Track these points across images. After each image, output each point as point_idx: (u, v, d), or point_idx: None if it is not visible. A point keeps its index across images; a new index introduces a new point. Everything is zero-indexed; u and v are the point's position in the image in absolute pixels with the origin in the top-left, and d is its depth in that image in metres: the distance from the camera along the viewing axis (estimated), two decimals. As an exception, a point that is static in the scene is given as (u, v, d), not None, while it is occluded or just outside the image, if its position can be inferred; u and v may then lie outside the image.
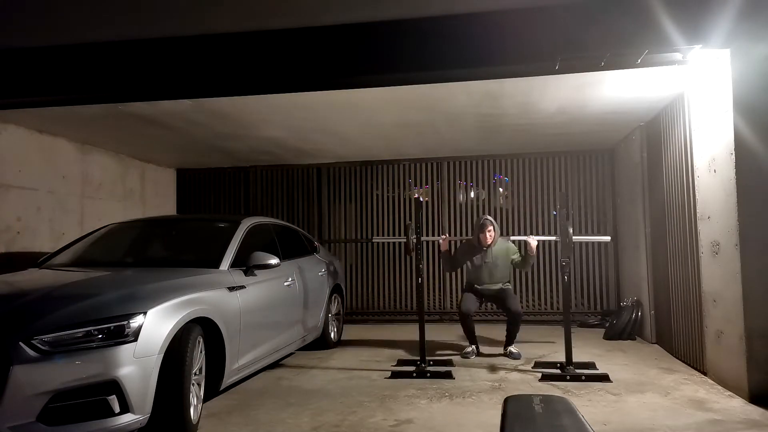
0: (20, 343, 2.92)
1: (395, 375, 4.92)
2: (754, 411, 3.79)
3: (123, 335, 3.10)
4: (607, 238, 6.17)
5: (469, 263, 5.81)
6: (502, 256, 5.69)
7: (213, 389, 3.98)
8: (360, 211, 8.61)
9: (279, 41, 4.06)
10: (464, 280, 6.34)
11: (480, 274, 5.70)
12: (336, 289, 6.62)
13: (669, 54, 3.84)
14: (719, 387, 4.39)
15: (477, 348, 5.72)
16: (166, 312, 3.37)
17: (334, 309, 6.51)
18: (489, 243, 5.64)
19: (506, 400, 2.28)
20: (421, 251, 5.47)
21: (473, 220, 8.25)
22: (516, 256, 5.73)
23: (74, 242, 5.02)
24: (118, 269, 4.29)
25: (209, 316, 3.76)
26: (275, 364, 5.25)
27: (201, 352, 3.73)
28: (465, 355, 5.59)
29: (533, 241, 5.51)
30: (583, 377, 4.69)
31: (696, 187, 4.81)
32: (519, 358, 5.45)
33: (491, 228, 5.65)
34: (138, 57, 4.21)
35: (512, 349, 5.59)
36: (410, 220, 5.58)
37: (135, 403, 3.07)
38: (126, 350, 3.07)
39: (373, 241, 7.96)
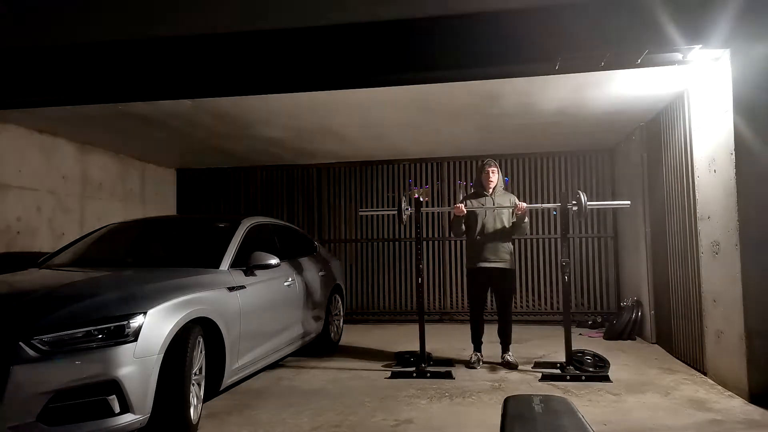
0: (20, 343, 2.92)
1: (395, 375, 4.92)
2: (754, 411, 3.79)
3: (123, 335, 3.10)
4: (627, 203, 5.58)
5: (473, 221, 5.32)
6: (505, 203, 5.31)
7: (213, 389, 3.98)
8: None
9: (280, 41, 4.06)
10: (465, 262, 5.73)
11: (483, 232, 5.25)
12: (336, 289, 6.62)
13: (669, 54, 3.85)
14: (719, 387, 4.40)
15: (481, 355, 5.39)
16: (166, 312, 3.37)
17: (334, 309, 6.50)
18: (493, 184, 5.30)
19: (506, 400, 2.28)
20: (421, 251, 5.47)
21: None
22: (516, 207, 5.22)
23: (74, 242, 5.02)
24: (118, 269, 4.29)
25: (209, 316, 3.76)
26: (275, 364, 5.25)
27: (201, 352, 3.73)
28: (470, 365, 5.24)
29: (522, 204, 5.19)
30: (583, 377, 4.69)
31: (696, 187, 4.81)
32: (516, 368, 5.12)
33: (494, 168, 5.33)
34: (138, 57, 4.21)
35: (509, 357, 5.26)
36: (404, 194, 5.40)
37: (135, 403, 3.07)
38: (126, 350, 3.07)
39: (360, 213, 7.80)
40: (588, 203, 4.91)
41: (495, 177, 5.35)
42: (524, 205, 5.19)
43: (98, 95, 4.60)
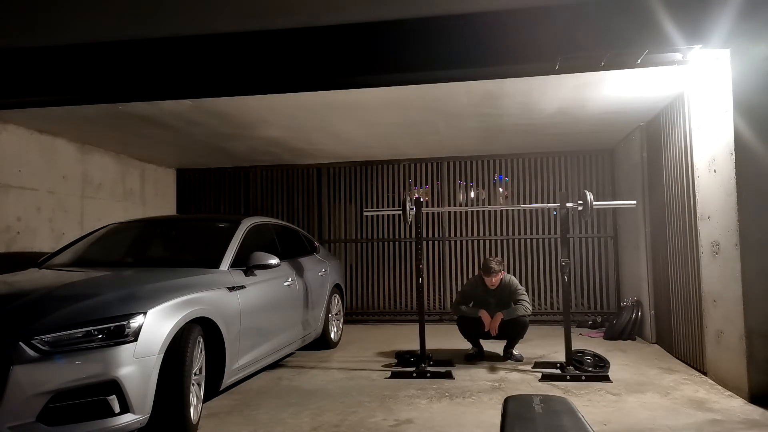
0: (20, 343, 2.92)
1: (395, 375, 4.92)
2: (754, 411, 3.79)
3: (123, 335, 3.10)
4: (633, 203, 5.72)
5: (473, 300, 5.63)
6: (506, 293, 5.50)
7: (213, 389, 3.98)
8: (360, 211, 8.61)
9: (279, 41, 4.06)
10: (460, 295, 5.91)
11: (484, 307, 5.47)
12: (336, 289, 6.63)
13: (669, 54, 3.84)
14: (719, 387, 4.40)
15: (481, 347, 5.66)
16: (166, 312, 3.37)
17: (334, 309, 6.51)
18: (495, 286, 5.49)
19: (506, 400, 2.28)
20: (421, 251, 5.47)
21: (472, 220, 8.27)
22: (516, 297, 5.44)
23: (74, 242, 5.02)
24: (118, 269, 4.29)
25: (209, 316, 3.76)
26: (275, 364, 5.25)
27: (201, 352, 3.73)
28: (471, 357, 5.55)
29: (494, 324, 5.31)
30: (583, 377, 4.69)
31: (696, 187, 4.81)
32: (521, 360, 5.40)
33: (498, 275, 5.46)
34: (138, 57, 4.21)
35: (514, 350, 5.54)
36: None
37: (135, 403, 3.07)
38: (126, 350, 3.08)
39: (365, 213, 7.83)
40: (594, 203, 4.93)
41: (497, 280, 5.48)
42: (495, 324, 5.30)
43: (98, 95, 4.59)
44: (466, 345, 5.73)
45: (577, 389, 4.43)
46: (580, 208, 5.02)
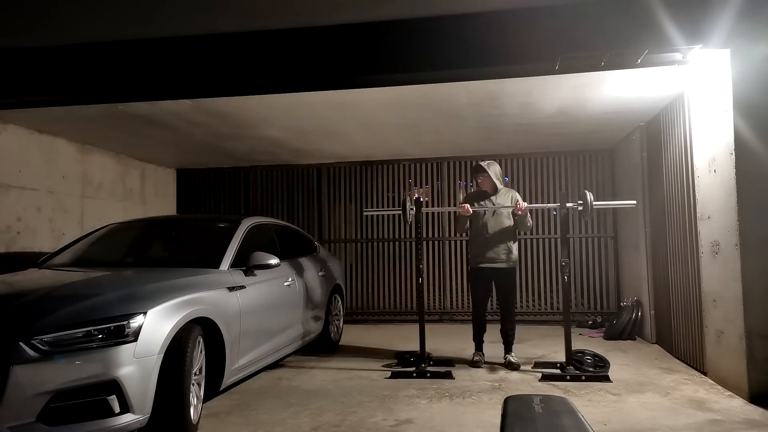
0: (20, 343, 2.92)
1: (395, 375, 4.92)
2: (754, 411, 3.79)
3: (123, 335, 3.10)
4: (633, 203, 5.63)
5: (475, 220, 5.39)
6: (507, 202, 5.35)
7: (213, 389, 3.98)
8: (360, 211, 8.61)
9: (279, 41, 4.06)
10: (468, 259, 5.86)
11: (485, 232, 5.29)
12: (336, 289, 6.62)
13: (669, 54, 3.84)
14: (719, 387, 4.40)
15: (483, 354, 5.40)
16: (166, 312, 3.37)
17: (334, 309, 6.50)
18: (486, 187, 5.37)
19: (506, 400, 2.28)
20: (421, 251, 5.47)
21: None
22: (516, 208, 5.24)
23: (74, 242, 5.02)
24: (118, 269, 4.29)
25: (209, 316, 3.76)
26: (275, 364, 5.25)
27: (201, 352, 3.73)
28: (474, 364, 5.27)
29: (522, 204, 5.18)
30: (583, 377, 4.69)
31: (696, 187, 4.81)
32: (518, 368, 5.10)
33: (482, 177, 5.37)
34: (138, 57, 4.21)
35: (511, 358, 5.23)
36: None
37: (135, 403, 3.07)
38: (126, 350, 3.07)
39: (365, 213, 7.82)
40: (594, 203, 4.91)
41: (488, 183, 5.38)
42: (524, 205, 5.19)
43: (98, 95, 4.59)
44: (466, 345, 5.73)
45: (577, 389, 4.43)
46: (580, 208, 5.02)
